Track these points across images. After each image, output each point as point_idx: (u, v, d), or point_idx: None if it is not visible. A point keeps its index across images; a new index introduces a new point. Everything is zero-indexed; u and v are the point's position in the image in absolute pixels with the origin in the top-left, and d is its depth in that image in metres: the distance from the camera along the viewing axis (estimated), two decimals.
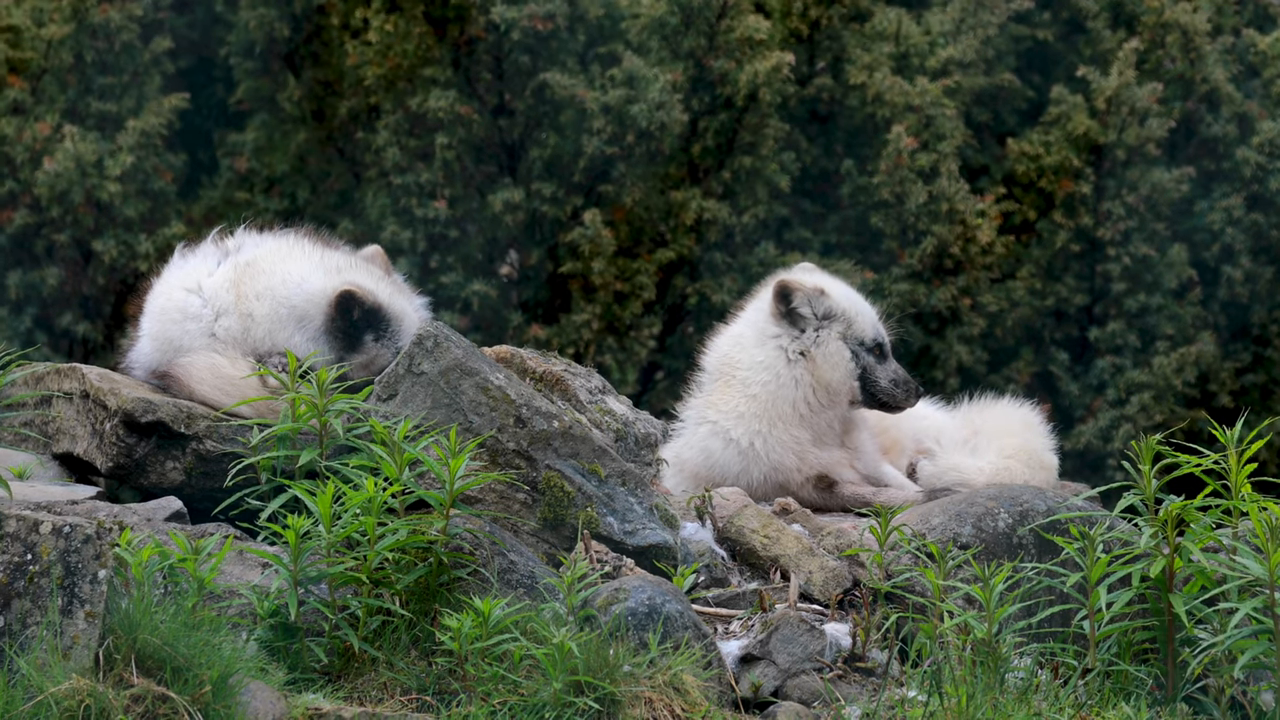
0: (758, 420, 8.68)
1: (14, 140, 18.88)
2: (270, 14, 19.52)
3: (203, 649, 6.27)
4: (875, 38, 19.57)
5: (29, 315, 18.81)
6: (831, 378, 8.66)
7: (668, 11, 18.90)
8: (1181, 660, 7.15)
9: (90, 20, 19.23)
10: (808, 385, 8.67)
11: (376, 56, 19.08)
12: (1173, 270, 18.71)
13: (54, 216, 18.82)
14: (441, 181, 18.82)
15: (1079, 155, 19.06)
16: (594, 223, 18.44)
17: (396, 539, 6.87)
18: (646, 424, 8.40)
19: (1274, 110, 19.03)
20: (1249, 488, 7.22)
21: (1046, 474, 8.76)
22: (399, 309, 8.07)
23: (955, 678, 6.88)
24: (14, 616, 6.16)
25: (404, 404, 7.56)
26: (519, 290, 19.13)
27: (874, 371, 8.69)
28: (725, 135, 19.08)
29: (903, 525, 7.80)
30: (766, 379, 8.70)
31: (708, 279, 18.85)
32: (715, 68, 18.92)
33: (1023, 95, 20.05)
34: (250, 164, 19.79)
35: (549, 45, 19.07)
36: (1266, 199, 18.81)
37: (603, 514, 7.61)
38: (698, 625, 7.09)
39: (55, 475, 7.79)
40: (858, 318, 8.70)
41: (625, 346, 18.69)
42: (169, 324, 8.02)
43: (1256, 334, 18.89)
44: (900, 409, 8.76)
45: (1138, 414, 18.14)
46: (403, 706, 6.64)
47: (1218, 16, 19.56)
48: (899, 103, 19.05)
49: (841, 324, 8.69)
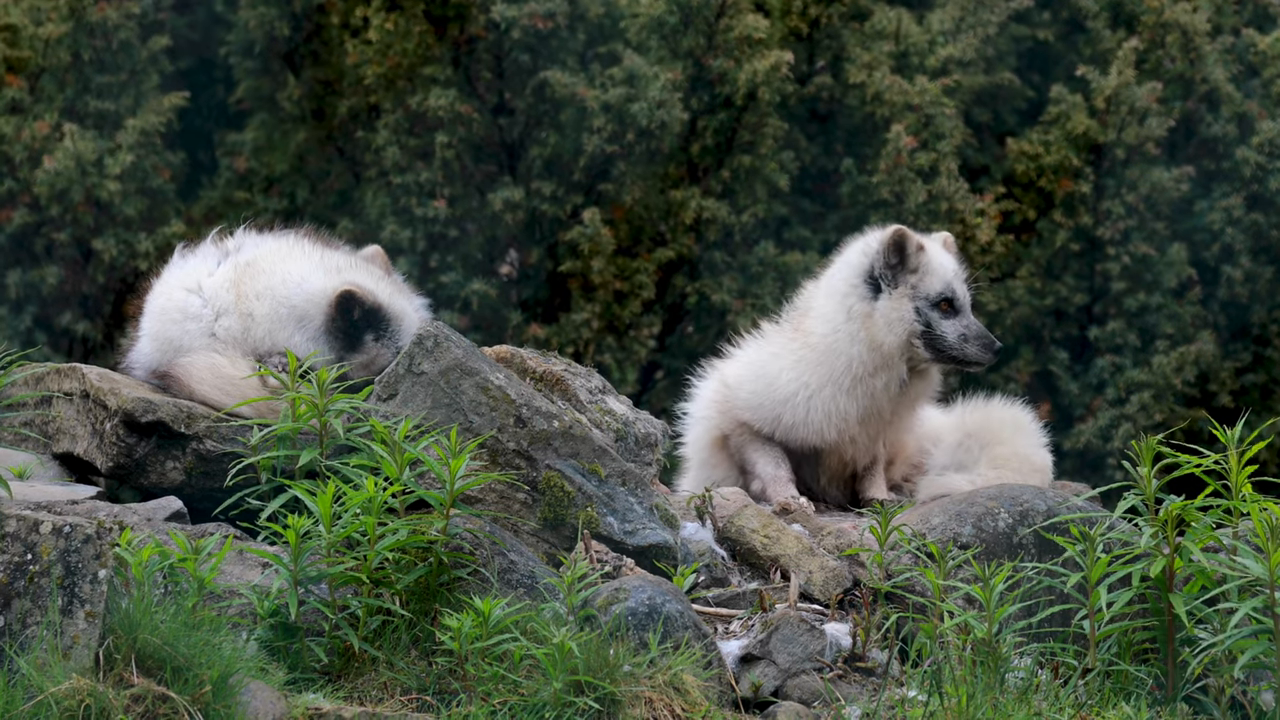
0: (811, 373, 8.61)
1: (13, 139, 18.87)
2: (270, 13, 19.52)
3: (203, 649, 6.27)
4: (875, 37, 19.57)
5: (29, 314, 18.80)
6: (885, 338, 8.48)
7: (667, 10, 18.90)
8: (1181, 660, 7.15)
9: (88, 19, 19.23)
10: (862, 343, 8.54)
11: (376, 55, 19.07)
12: (1172, 270, 18.72)
13: (53, 215, 18.82)
14: (441, 181, 18.82)
15: (1079, 155, 19.05)
16: (593, 222, 18.44)
17: (397, 539, 6.87)
18: (646, 424, 8.40)
19: (1274, 110, 19.03)
20: (1249, 488, 7.22)
21: (1040, 476, 8.71)
22: (399, 309, 8.07)
23: (955, 678, 6.88)
24: (14, 616, 6.16)
25: (404, 404, 7.56)
26: (519, 289, 19.13)
27: (939, 327, 8.50)
28: (725, 134, 19.08)
29: (903, 525, 7.80)
30: (825, 331, 8.61)
31: (707, 278, 18.85)
32: (714, 67, 18.92)
33: (1022, 95, 20.06)
34: (250, 163, 19.79)
35: (549, 44, 19.07)
36: (1266, 199, 18.81)
37: (603, 514, 7.61)
38: (698, 625, 7.09)
39: (55, 475, 7.79)
40: (928, 274, 8.56)
41: (625, 346, 18.69)
42: (169, 324, 8.02)
43: (1256, 334, 18.89)
44: (975, 365, 8.53)
45: (1137, 413, 18.14)
46: (403, 706, 6.64)
47: (1218, 16, 19.56)
48: (898, 102, 19.05)
49: (910, 281, 8.57)
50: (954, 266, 8.63)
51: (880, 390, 8.53)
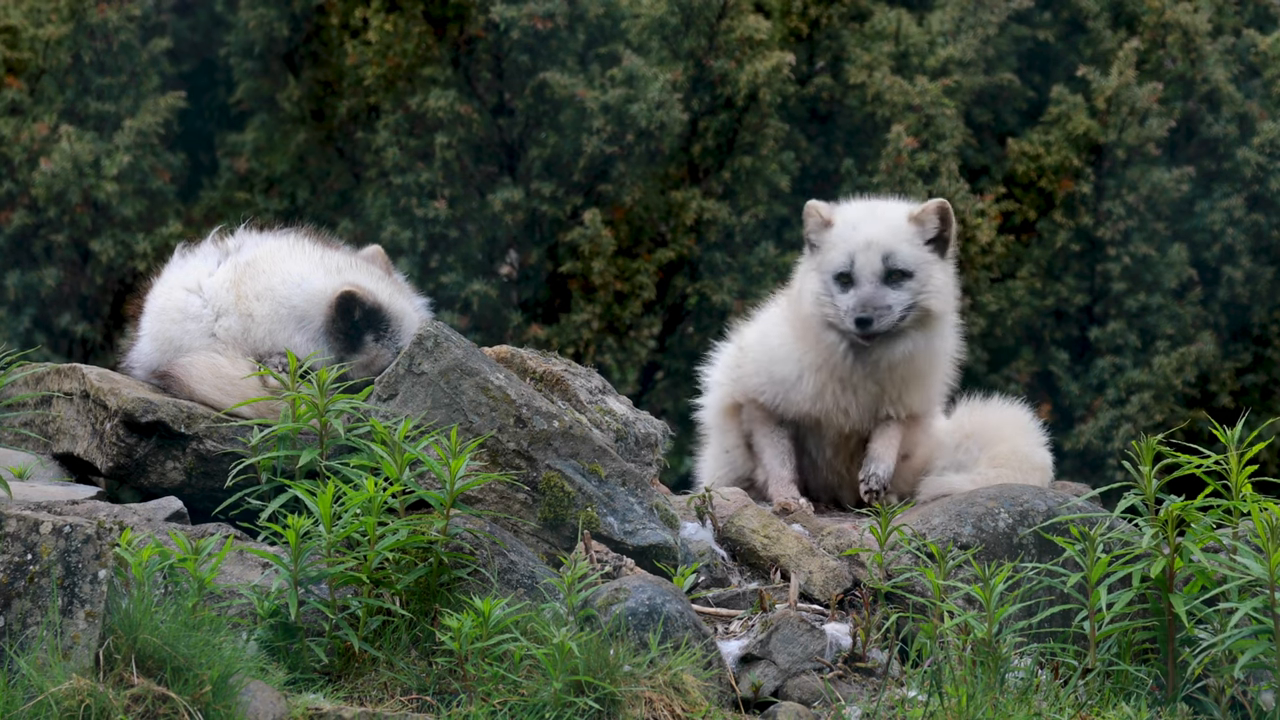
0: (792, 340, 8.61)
1: (12, 141, 18.86)
2: (270, 14, 19.50)
3: (203, 649, 6.27)
4: (875, 37, 19.55)
5: (27, 315, 18.79)
6: (806, 309, 8.52)
7: (668, 11, 18.89)
8: (1181, 660, 7.15)
9: (88, 20, 19.22)
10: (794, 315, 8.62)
11: (376, 56, 19.06)
12: (1173, 270, 18.70)
13: (51, 217, 18.81)
14: (441, 181, 18.81)
15: (1079, 155, 19.04)
16: (594, 222, 18.43)
17: (397, 539, 6.87)
18: (646, 424, 8.40)
19: (1274, 110, 19.02)
20: (1249, 488, 7.22)
21: (1040, 474, 8.70)
22: (399, 309, 8.07)
23: (955, 678, 6.88)
24: (14, 616, 6.16)
25: (404, 404, 7.56)
26: (519, 290, 19.12)
27: (836, 300, 8.45)
28: (725, 135, 19.07)
29: (903, 525, 7.81)
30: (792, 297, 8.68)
31: (708, 279, 18.84)
32: (715, 67, 18.91)
33: (1023, 95, 20.04)
34: (250, 164, 19.78)
35: (549, 45, 19.06)
36: (1267, 199, 18.80)
37: (603, 514, 7.61)
38: (698, 625, 7.09)
39: (55, 475, 7.79)
40: (830, 249, 8.51)
41: (625, 346, 18.68)
42: (169, 324, 8.02)
43: (1257, 334, 18.88)
44: (857, 339, 8.45)
45: (1138, 414, 18.13)
46: (403, 706, 6.64)
47: (1218, 16, 19.55)
48: (899, 102, 19.04)
49: (819, 255, 8.57)
50: (864, 238, 8.48)
51: (837, 359, 8.52)
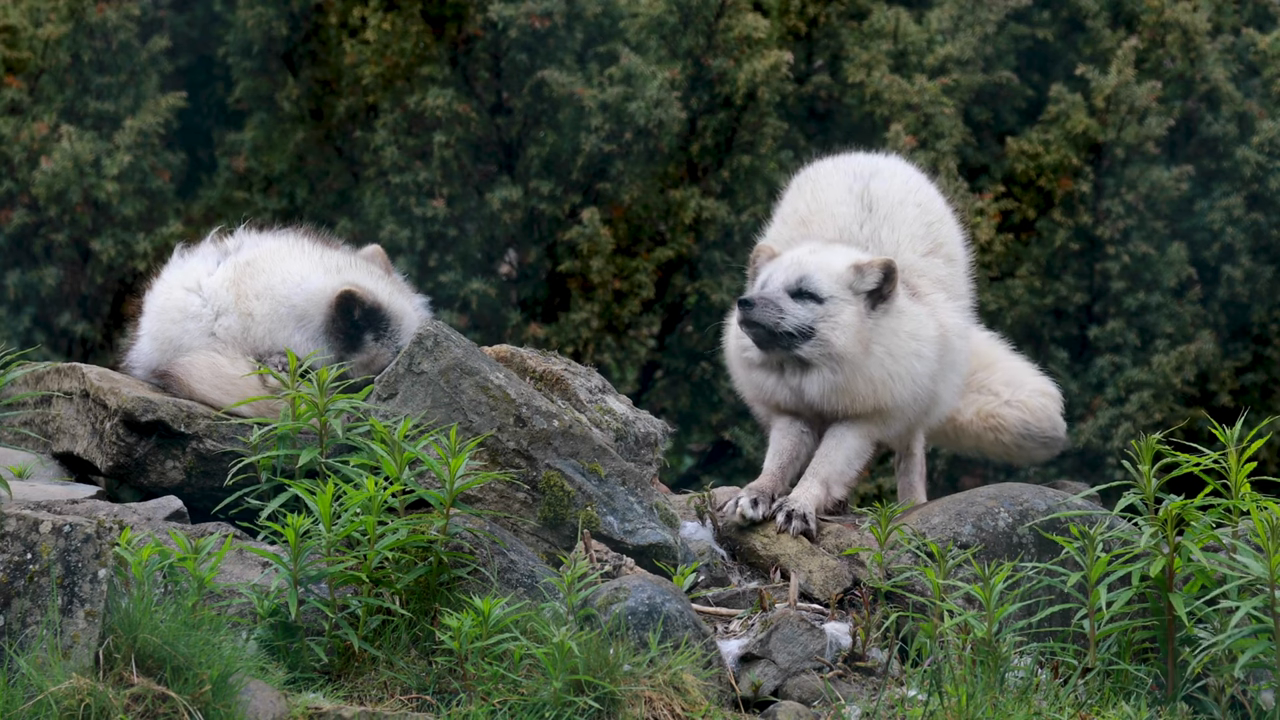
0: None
1: (11, 140, 18.86)
2: (268, 13, 19.50)
3: (203, 648, 6.27)
4: (873, 35, 19.55)
5: (27, 315, 18.79)
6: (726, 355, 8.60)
7: (666, 10, 18.88)
8: (1181, 659, 7.15)
9: (88, 20, 19.21)
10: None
11: (374, 55, 19.05)
12: (1172, 269, 18.70)
13: (51, 216, 18.81)
14: (440, 180, 18.80)
15: (1078, 154, 19.04)
16: (592, 221, 18.43)
17: (396, 538, 6.87)
18: (646, 423, 8.40)
19: (1274, 110, 19.02)
20: (1249, 487, 7.22)
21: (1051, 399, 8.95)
22: (399, 308, 8.07)
23: (955, 677, 6.88)
24: (14, 616, 6.15)
25: (404, 403, 7.56)
26: (518, 289, 19.12)
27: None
28: (724, 134, 19.06)
29: (902, 524, 7.81)
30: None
31: (707, 278, 18.83)
32: (714, 66, 18.91)
33: (1022, 94, 20.04)
34: (249, 163, 19.78)
35: (547, 43, 19.05)
36: (1266, 198, 18.80)
37: (603, 513, 7.61)
38: (698, 624, 7.09)
39: (55, 474, 7.79)
40: (757, 276, 8.43)
41: (624, 345, 18.67)
42: (169, 323, 8.02)
43: (1256, 333, 18.87)
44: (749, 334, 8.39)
45: (1137, 413, 18.12)
46: (403, 706, 6.64)
47: (1218, 16, 19.54)
48: (897, 101, 19.03)
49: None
50: (789, 259, 8.37)
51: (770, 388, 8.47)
